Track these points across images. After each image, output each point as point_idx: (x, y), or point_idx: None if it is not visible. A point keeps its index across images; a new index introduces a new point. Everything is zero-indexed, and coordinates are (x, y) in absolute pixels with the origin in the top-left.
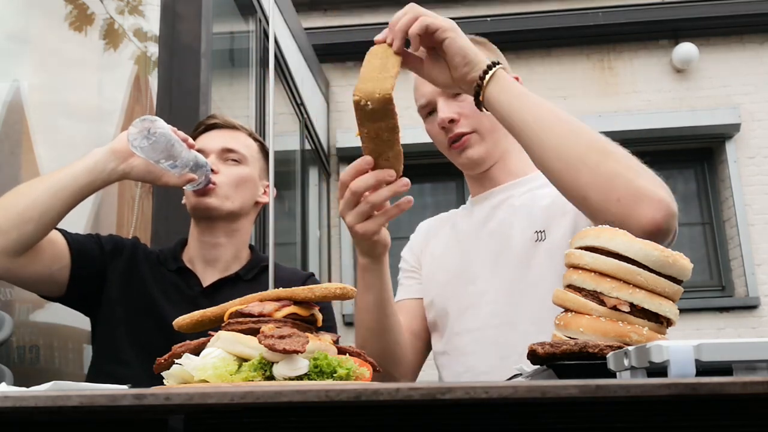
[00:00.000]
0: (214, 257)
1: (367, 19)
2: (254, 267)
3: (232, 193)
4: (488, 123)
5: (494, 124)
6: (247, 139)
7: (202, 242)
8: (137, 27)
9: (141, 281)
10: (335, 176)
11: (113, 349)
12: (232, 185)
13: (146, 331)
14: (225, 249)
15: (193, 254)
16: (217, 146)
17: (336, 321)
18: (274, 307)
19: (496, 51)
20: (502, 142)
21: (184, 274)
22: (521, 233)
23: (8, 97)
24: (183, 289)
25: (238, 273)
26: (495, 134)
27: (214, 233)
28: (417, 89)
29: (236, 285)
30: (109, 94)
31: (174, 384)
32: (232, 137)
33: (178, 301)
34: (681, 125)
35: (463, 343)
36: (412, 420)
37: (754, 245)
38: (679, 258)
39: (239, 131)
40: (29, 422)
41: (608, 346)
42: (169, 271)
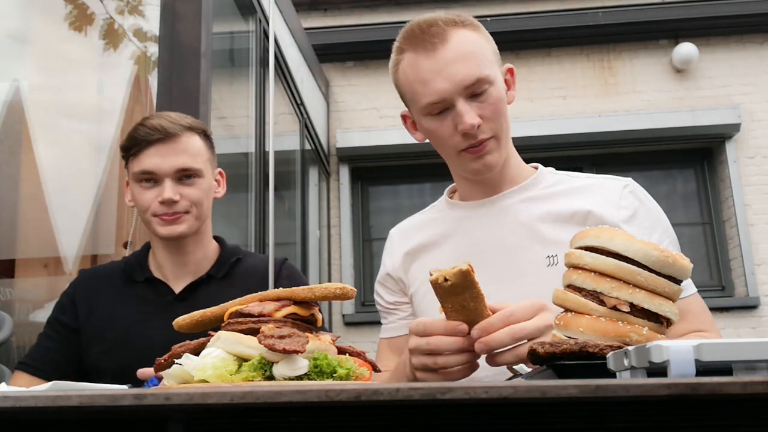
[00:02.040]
0: (182, 263)
1: (367, 19)
2: (225, 263)
3: (200, 211)
4: (505, 126)
5: (507, 127)
6: (192, 141)
7: (170, 253)
8: (137, 27)
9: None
10: (335, 176)
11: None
12: (196, 206)
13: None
14: (193, 254)
15: (161, 262)
16: (170, 169)
17: (335, 320)
18: (274, 307)
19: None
20: (510, 145)
21: (153, 284)
22: (532, 256)
23: (8, 97)
24: (154, 299)
25: (209, 273)
26: (508, 137)
27: (181, 246)
28: (424, 84)
29: (209, 285)
30: (109, 94)
31: (174, 384)
32: (182, 150)
33: (151, 314)
34: (681, 125)
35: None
36: (412, 420)
37: (754, 245)
38: (679, 258)
39: (183, 134)
40: (29, 422)
41: (608, 345)
42: (138, 282)
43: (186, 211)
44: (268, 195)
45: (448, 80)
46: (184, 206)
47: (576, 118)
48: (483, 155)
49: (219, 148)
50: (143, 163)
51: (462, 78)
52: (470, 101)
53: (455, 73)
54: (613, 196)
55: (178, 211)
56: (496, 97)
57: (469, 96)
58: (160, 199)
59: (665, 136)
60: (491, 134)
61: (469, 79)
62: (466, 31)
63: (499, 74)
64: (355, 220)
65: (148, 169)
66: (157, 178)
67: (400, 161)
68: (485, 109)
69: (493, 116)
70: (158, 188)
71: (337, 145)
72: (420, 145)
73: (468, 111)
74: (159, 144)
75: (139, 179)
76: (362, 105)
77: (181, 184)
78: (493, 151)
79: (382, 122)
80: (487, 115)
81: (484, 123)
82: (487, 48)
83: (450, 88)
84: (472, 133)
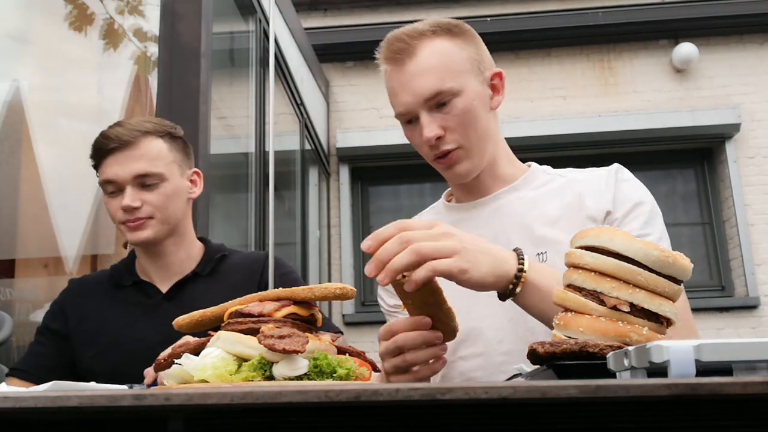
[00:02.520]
0: (165, 265)
1: (367, 19)
2: (209, 261)
3: (165, 216)
4: (474, 137)
5: (480, 135)
6: (151, 146)
7: (150, 258)
8: (137, 27)
9: (96, 322)
10: (335, 176)
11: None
12: (161, 209)
13: (122, 365)
14: (174, 255)
15: (145, 266)
16: (128, 176)
17: (334, 320)
18: (274, 307)
19: (477, 39)
20: (490, 151)
21: (141, 286)
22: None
23: (8, 97)
24: (142, 300)
25: (195, 271)
26: (482, 145)
27: (159, 249)
28: (394, 95)
29: (196, 282)
30: (109, 93)
31: (174, 384)
32: (139, 156)
33: (139, 316)
34: (681, 125)
35: (467, 368)
36: (412, 420)
37: (754, 245)
38: (679, 258)
39: (141, 140)
40: (29, 422)
41: (608, 345)
42: (126, 287)
43: (149, 216)
44: (268, 195)
45: (411, 93)
46: (147, 212)
47: (576, 118)
48: (451, 165)
49: (219, 148)
50: (104, 172)
51: (422, 91)
52: (434, 113)
53: (416, 86)
54: (599, 185)
55: (140, 217)
56: (461, 108)
57: (432, 107)
58: (121, 206)
59: (665, 136)
60: (456, 145)
61: (428, 92)
62: (439, 41)
63: (474, 83)
64: (355, 220)
65: (109, 178)
66: (119, 186)
67: (400, 161)
68: (449, 121)
69: (458, 127)
70: (121, 197)
71: (337, 145)
72: None
73: (429, 123)
74: (116, 152)
75: (106, 190)
76: (362, 105)
77: (142, 190)
78: (461, 161)
79: (382, 122)
80: (451, 126)
81: (448, 134)
82: (460, 57)
83: (412, 101)
84: (435, 144)
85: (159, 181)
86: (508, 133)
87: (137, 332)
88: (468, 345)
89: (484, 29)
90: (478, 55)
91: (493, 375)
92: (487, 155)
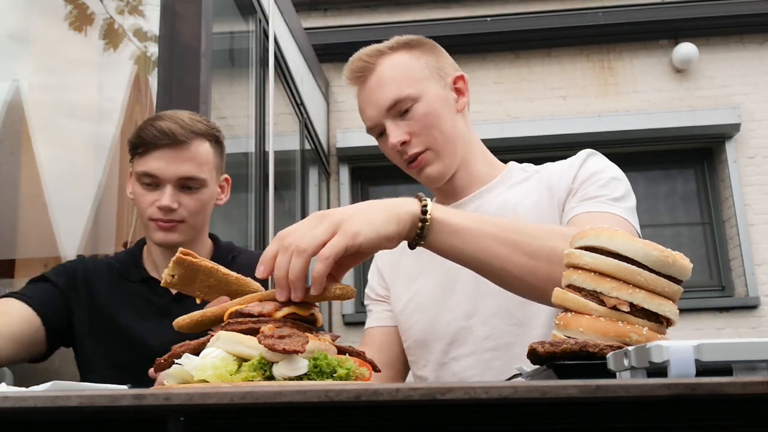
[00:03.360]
0: None
1: (367, 19)
2: (222, 260)
3: (196, 221)
4: (441, 137)
5: (447, 136)
6: (201, 149)
7: (166, 257)
8: (137, 27)
9: (105, 306)
10: (335, 176)
11: (93, 373)
12: (195, 215)
13: (125, 357)
14: None
15: (157, 262)
16: (172, 176)
17: (334, 320)
18: (274, 307)
19: (436, 48)
20: (460, 152)
21: (150, 284)
22: None
23: (8, 97)
24: (152, 299)
25: None
26: (450, 146)
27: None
28: (362, 112)
29: None
30: (109, 93)
31: (173, 384)
32: (189, 158)
33: (149, 315)
34: (681, 125)
35: (458, 369)
36: (412, 420)
37: (754, 245)
38: (679, 258)
39: (192, 141)
40: (29, 422)
41: (608, 345)
42: (133, 282)
43: (182, 220)
44: (268, 195)
45: (374, 106)
46: (181, 215)
47: (576, 118)
48: (422, 168)
49: None
50: (147, 164)
51: (383, 102)
52: (398, 120)
53: (377, 98)
54: (565, 168)
55: (174, 219)
56: (422, 112)
57: (395, 116)
58: (158, 204)
59: (665, 136)
60: (423, 147)
61: (389, 101)
62: (397, 56)
63: (435, 88)
64: None
65: (151, 172)
66: (159, 182)
67: None
68: (413, 126)
69: (422, 130)
70: (158, 192)
71: (337, 145)
72: None
73: (394, 130)
74: (166, 149)
75: (142, 181)
76: None
77: (182, 192)
78: (431, 163)
79: None
80: (416, 130)
81: (414, 138)
82: (417, 66)
83: (376, 113)
84: (402, 150)
85: (200, 186)
86: (508, 133)
87: (143, 329)
88: (458, 346)
89: (484, 29)
90: (437, 62)
91: (485, 372)
92: (457, 156)
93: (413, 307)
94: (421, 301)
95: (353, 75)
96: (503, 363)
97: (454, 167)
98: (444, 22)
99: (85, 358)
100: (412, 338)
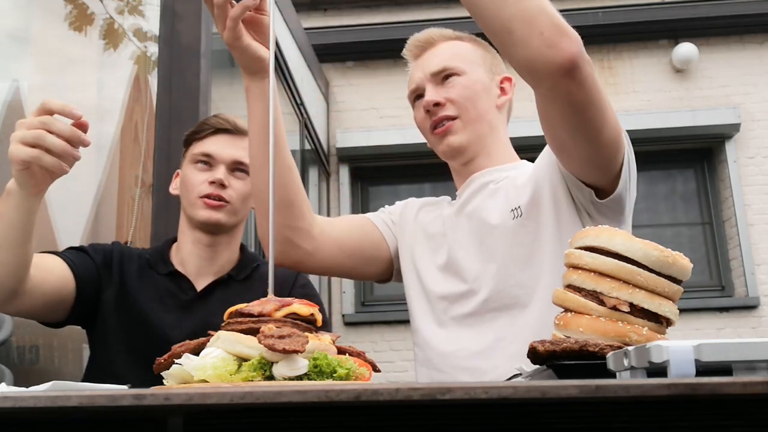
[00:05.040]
0: (211, 262)
1: (367, 19)
2: (246, 267)
3: (241, 208)
4: (474, 112)
5: (479, 114)
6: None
7: (201, 248)
8: (137, 27)
9: (133, 290)
10: (335, 176)
11: (108, 362)
12: (240, 200)
13: (142, 343)
14: (223, 255)
15: (186, 257)
16: (228, 158)
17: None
18: (274, 307)
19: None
20: (486, 137)
21: (176, 278)
22: (499, 215)
23: (8, 97)
24: (177, 294)
25: (230, 274)
26: (479, 125)
27: (215, 242)
28: (411, 78)
29: (229, 286)
30: (109, 93)
31: (174, 384)
32: (243, 146)
33: (172, 308)
34: (681, 125)
35: (457, 327)
36: (412, 420)
37: (753, 245)
38: (678, 258)
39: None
40: (29, 422)
41: (608, 345)
42: (160, 274)
43: (229, 201)
44: None
45: (421, 70)
46: (229, 195)
47: None
48: (445, 135)
49: None
50: (206, 145)
51: (430, 67)
52: (438, 86)
53: (427, 65)
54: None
55: (222, 197)
56: (463, 85)
57: (437, 82)
58: (211, 179)
59: (665, 136)
60: (454, 113)
61: (436, 67)
62: (460, 43)
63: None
64: None
65: (208, 152)
66: (213, 163)
67: (400, 161)
68: (450, 92)
69: (458, 99)
70: (211, 172)
71: (337, 145)
72: (420, 145)
73: (431, 91)
74: (226, 134)
75: (196, 161)
76: (362, 105)
77: (232, 176)
78: (456, 132)
79: (382, 122)
80: (452, 97)
81: (449, 103)
82: (473, 51)
83: (421, 75)
84: (433, 111)
85: (248, 173)
86: (509, 133)
87: (165, 321)
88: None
89: None
90: (493, 59)
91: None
92: (482, 139)
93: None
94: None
95: (416, 45)
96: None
97: (475, 149)
98: (444, 22)
99: (103, 338)
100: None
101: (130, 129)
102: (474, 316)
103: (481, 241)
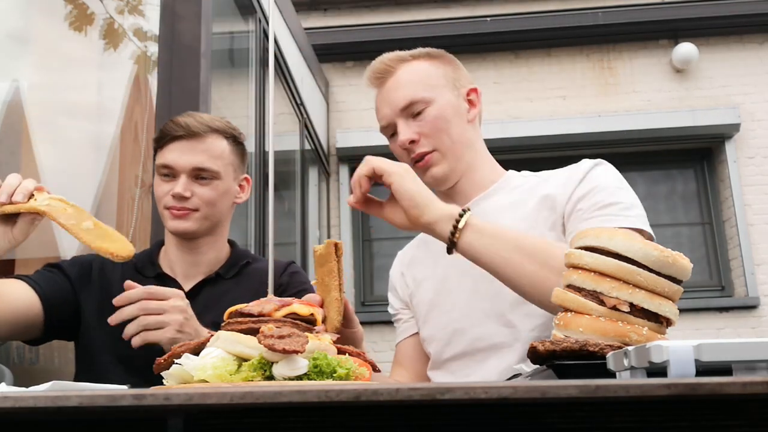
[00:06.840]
0: (195, 263)
1: (367, 19)
2: (235, 265)
3: (210, 213)
4: (448, 141)
5: (455, 140)
6: (216, 143)
7: (184, 252)
8: (137, 27)
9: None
10: (335, 176)
11: (95, 371)
12: (208, 206)
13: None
14: (205, 255)
15: (173, 260)
16: (187, 166)
17: None
18: (274, 307)
19: (455, 62)
20: (466, 157)
21: (163, 281)
22: None
23: (8, 97)
24: None
25: (218, 272)
26: (457, 150)
27: (196, 245)
28: (377, 111)
29: (217, 283)
30: (109, 93)
31: (174, 384)
32: (203, 150)
33: None
34: (680, 125)
35: (452, 369)
36: (412, 420)
37: (753, 245)
38: (678, 258)
39: (208, 135)
40: (29, 422)
41: (608, 345)
42: (147, 278)
43: (195, 209)
44: (267, 195)
45: (389, 106)
46: (195, 204)
47: (576, 118)
48: (428, 168)
49: None
50: (164, 156)
51: (397, 102)
52: (409, 120)
53: (393, 99)
54: (566, 176)
55: (186, 207)
56: (434, 115)
57: (408, 117)
58: (172, 192)
59: (665, 136)
60: (431, 148)
61: (403, 102)
62: (417, 63)
63: (448, 96)
64: (355, 220)
65: (167, 163)
66: (175, 173)
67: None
68: (423, 127)
69: (432, 132)
70: (174, 183)
71: (337, 145)
72: None
73: (404, 129)
74: (182, 140)
75: (160, 172)
76: (362, 105)
77: (195, 182)
78: (437, 164)
79: None
80: (426, 131)
81: (423, 138)
82: (434, 73)
83: (390, 112)
84: (410, 148)
85: (213, 178)
86: (508, 133)
87: None
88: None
89: (484, 29)
90: (454, 73)
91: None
92: (463, 162)
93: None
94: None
95: (374, 76)
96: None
97: (459, 172)
98: (444, 22)
99: (89, 350)
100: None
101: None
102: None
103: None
